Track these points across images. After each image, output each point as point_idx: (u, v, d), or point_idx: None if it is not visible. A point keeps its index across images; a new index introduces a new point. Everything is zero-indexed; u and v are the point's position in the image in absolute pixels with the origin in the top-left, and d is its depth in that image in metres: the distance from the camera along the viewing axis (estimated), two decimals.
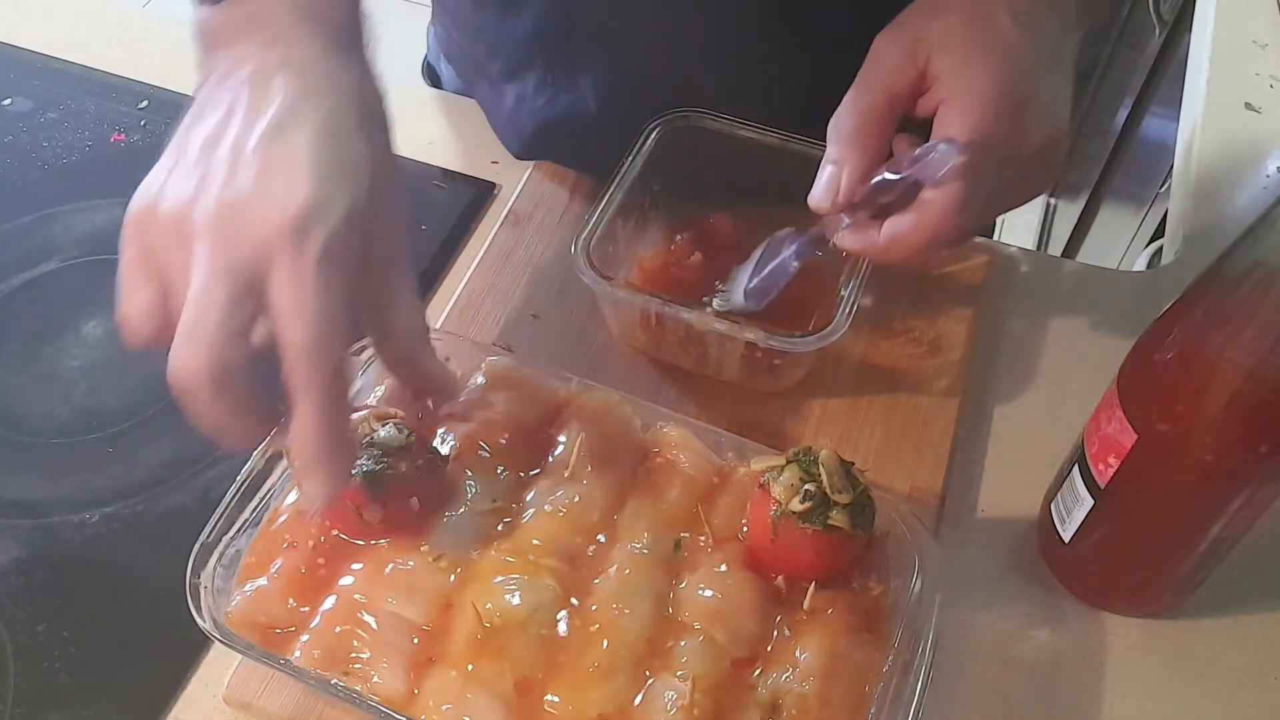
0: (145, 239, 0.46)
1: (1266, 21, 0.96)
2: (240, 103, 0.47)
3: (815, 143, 0.68)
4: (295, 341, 0.43)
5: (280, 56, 0.48)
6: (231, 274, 0.43)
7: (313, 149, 0.45)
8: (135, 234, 0.46)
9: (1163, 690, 0.57)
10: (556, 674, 0.49)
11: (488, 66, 0.82)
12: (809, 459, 0.52)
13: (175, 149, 0.47)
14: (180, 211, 0.45)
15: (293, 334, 0.43)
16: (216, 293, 0.43)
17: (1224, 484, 0.50)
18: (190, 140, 0.47)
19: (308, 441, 0.45)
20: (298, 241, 0.43)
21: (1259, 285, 0.45)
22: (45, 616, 0.57)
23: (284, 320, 0.43)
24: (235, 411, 0.44)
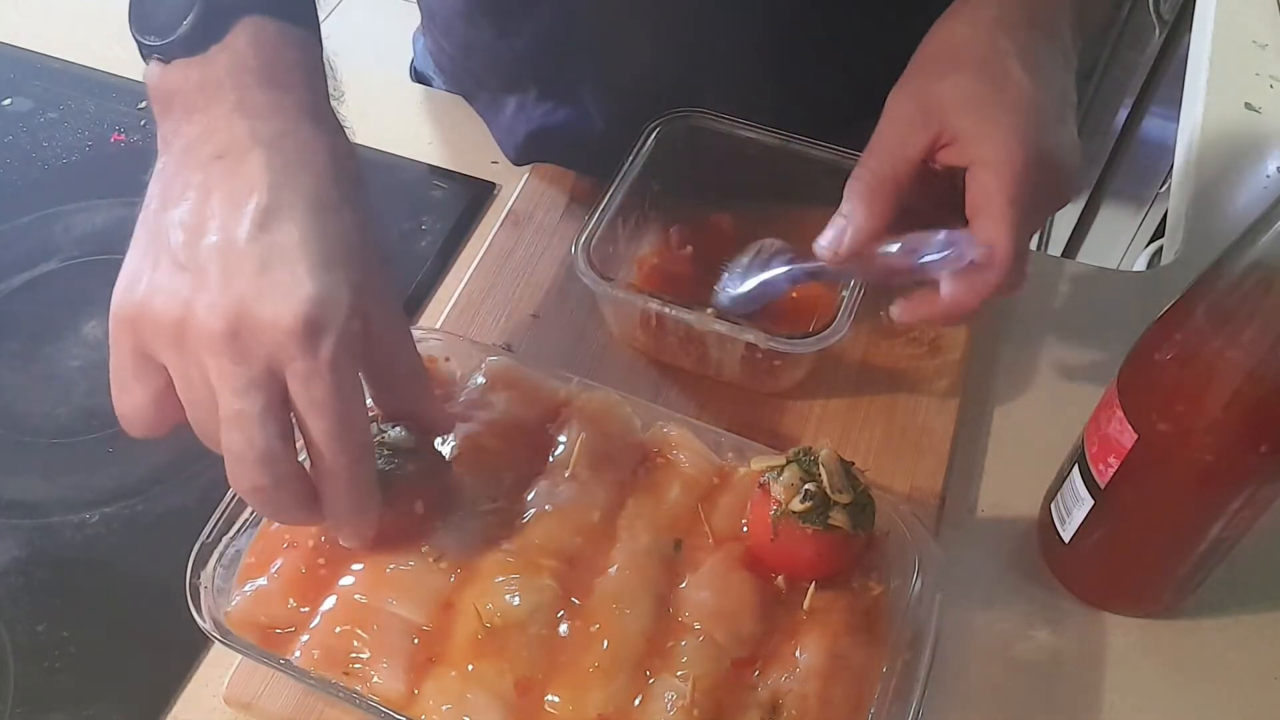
0: (139, 338, 0.45)
1: (1266, 21, 0.96)
2: (216, 186, 0.45)
3: (815, 143, 0.69)
4: (319, 435, 0.45)
5: (249, 130, 0.46)
6: (256, 387, 0.43)
7: (306, 236, 0.44)
8: (127, 332, 0.46)
9: (1163, 690, 0.57)
10: (556, 674, 0.49)
11: (484, 79, 0.82)
12: (809, 459, 0.52)
13: (150, 234, 0.46)
14: (178, 314, 0.44)
15: (316, 428, 0.45)
16: (250, 410, 0.43)
17: (1224, 484, 0.50)
18: (167, 226, 0.45)
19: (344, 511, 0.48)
20: (310, 344, 0.43)
21: (1259, 285, 0.45)
22: (45, 616, 0.57)
23: (306, 416, 0.45)
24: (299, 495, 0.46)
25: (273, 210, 0.44)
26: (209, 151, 0.46)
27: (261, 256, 0.44)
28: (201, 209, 0.45)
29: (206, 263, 0.44)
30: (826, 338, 0.60)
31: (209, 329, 0.43)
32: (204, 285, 0.44)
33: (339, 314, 0.44)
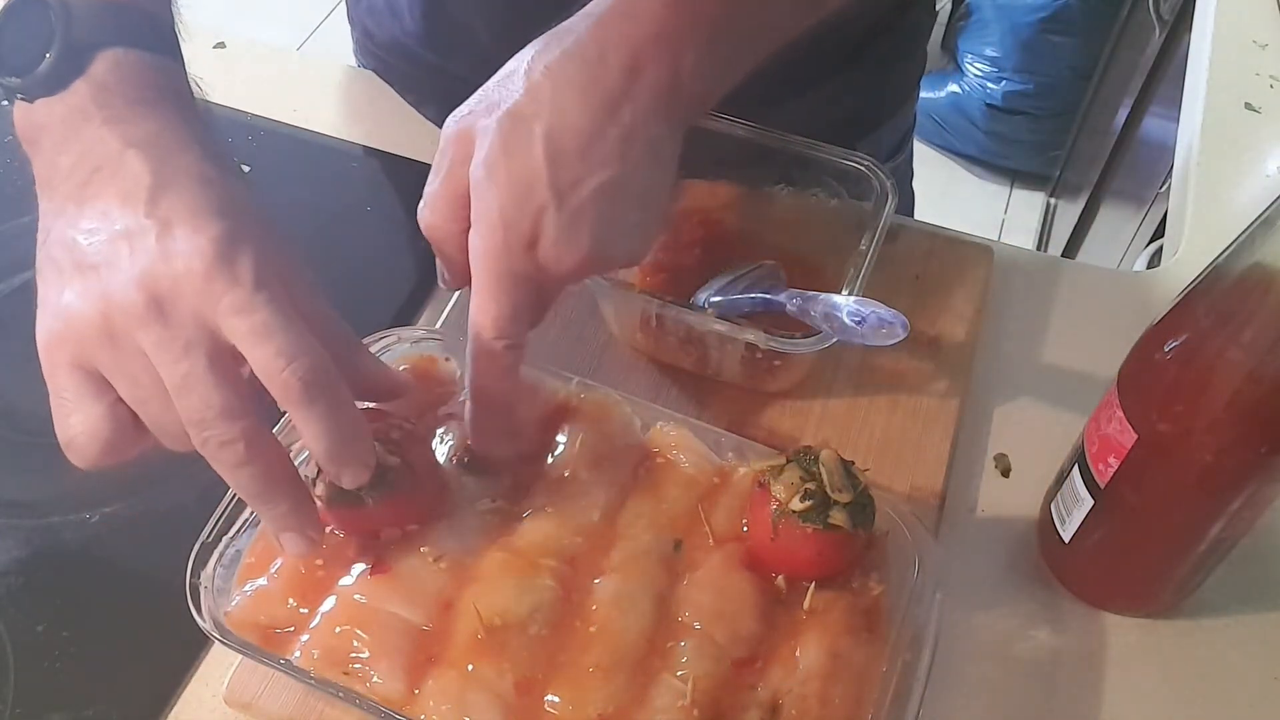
0: (70, 356, 0.45)
1: (1266, 21, 0.96)
2: (105, 193, 0.45)
3: (816, 143, 0.69)
4: (270, 358, 0.43)
5: (120, 137, 0.46)
6: (194, 345, 0.43)
7: (196, 198, 0.45)
8: (57, 354, 0.45)
9: (1163, 690, 0.57)
10: (556, 674, 0.49)
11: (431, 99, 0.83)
12: (809, 458, 0.52)
13: (51, 264, 0.46)
14: (99, 308, 0.44)
15: (266, 352, 0.43)
16: (196, 369, 0.43)
17: (1224, 484, 0.50)
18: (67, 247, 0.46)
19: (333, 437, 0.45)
20: (228, 275, 0.43)
21: (1259, 285, 0.45)
22: (45, 616, 0.57)
23: (252, 347, 0.43)
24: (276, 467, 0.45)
25: (159, 187, 0.45)
26: (89, 168, 0.46)
27: (159, 225, 0.44)
28: (96, 214, 0.45)
29: (111, 252, 0.44)
30: (826, 338, 0.60)
31: (130, 306, 0.43)
32: (115, 270, 0.44)
33: (247, 245, 0.44)
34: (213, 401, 0.43)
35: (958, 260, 0.75)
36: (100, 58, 0.48)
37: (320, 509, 0.52)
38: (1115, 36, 1.92)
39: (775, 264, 0.66)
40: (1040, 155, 2.28)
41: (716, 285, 0.65)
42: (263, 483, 0.45)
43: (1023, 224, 2.27)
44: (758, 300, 0.63)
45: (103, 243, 0.45)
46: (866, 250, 0.64)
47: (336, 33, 0.97)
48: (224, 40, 0.90)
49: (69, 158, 0.47)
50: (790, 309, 0.60)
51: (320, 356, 0.44)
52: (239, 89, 0.87)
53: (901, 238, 0.75)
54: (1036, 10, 2.15)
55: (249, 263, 0.44)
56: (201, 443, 0.43)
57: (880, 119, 0.87)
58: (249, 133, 0.83)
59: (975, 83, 2.27)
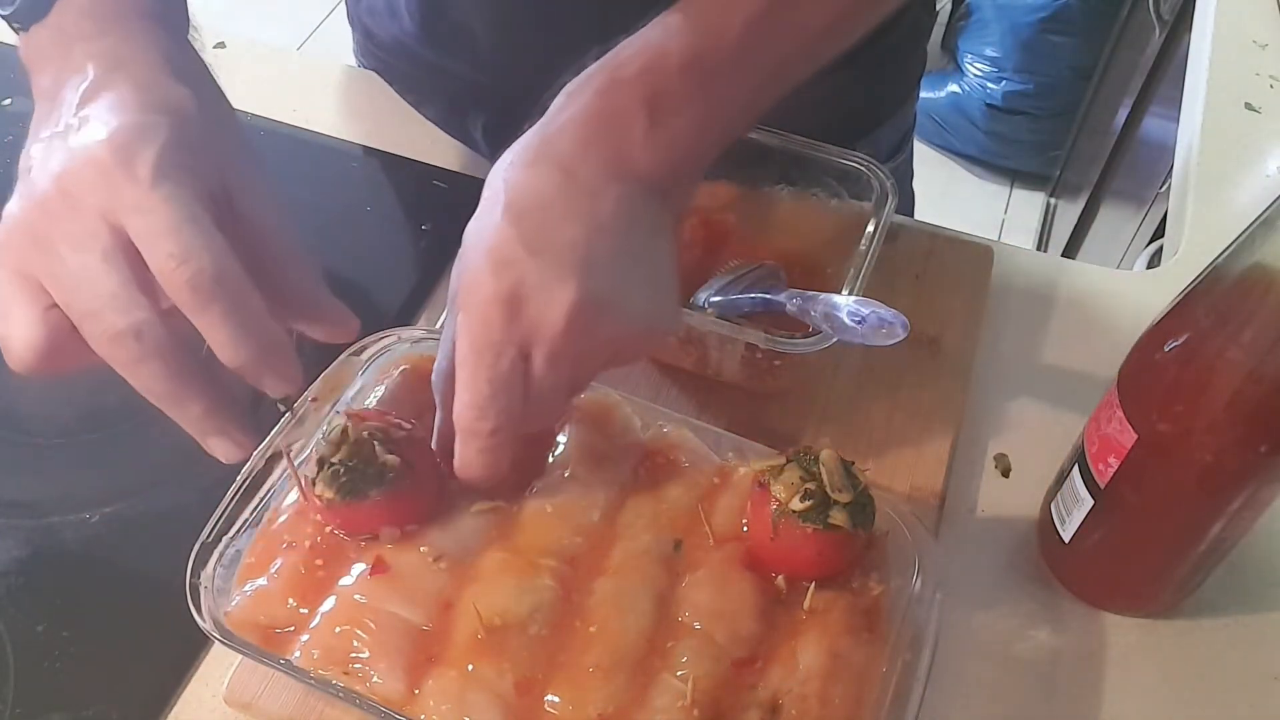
0: (10, 262, 0.45)
1: (1266, 21, 0.96)
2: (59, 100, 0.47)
3: (816, 143, 0.69)
4: (162, 260, 0.42)
5: (84, 50, 0.48)
6: (92, 235, 0.42)
7: (124, 97, 0.45)
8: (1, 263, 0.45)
9: (1162, 690, 0.57)
10: (556, 674, 0.49)
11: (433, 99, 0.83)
12: (809, 458, 0.52)
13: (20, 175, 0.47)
14: (26, 213, 0.44)
15: (154, 254, 0.42)
16: (92, 257, 0.42)
17: (1224, 484, 0.50)
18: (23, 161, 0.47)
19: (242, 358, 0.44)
20: (128, 170, 0.42)
21: (1259, 285, 0.45)
22: (45, 616, 0.57)
23: (145, 248, 0.42)
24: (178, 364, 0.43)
25: (95, 89, 0.46)
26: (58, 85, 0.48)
27: (82, 120, 0.45)
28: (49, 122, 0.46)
29: (43, 153, 0.45)
30: (826, 338, 0.60)
31: (44, 202, 0.43)
32: (41, 171, 0.44)
33: (152, 141, 0.43)
34: (101, 291, 0.42)
35: (958, 260, 0.75)
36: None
37: (321, 508, 0.52)
38: (1115, 36, 1.93)
39: (775, 264, 0.66)
40: (1040, 155, 2.28)
41: (716, 285, 0.65)
42: (165, 381, 0.43)
43: (1023, 224, 2.27)
44: (758, 300, 0.63)
45: (42, 146, 0.45)
46: (866, 250, 0.64)
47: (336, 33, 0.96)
48: (224, 40, 0.90)
49: (48, 78, 0.49)
50: (790, 309, 0.60)
51: (219, 258, 0.43)
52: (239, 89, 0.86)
53: (901, 238, 0.75)
54: (1036, 10, 2.15)
55: (151, 158, 0.43)
56: (95, 339, 0.42)
57: (880, 119, 0.87)
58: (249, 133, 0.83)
59: (975, 83, 2.27)
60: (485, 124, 0.81)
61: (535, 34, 0.74)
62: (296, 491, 0.54)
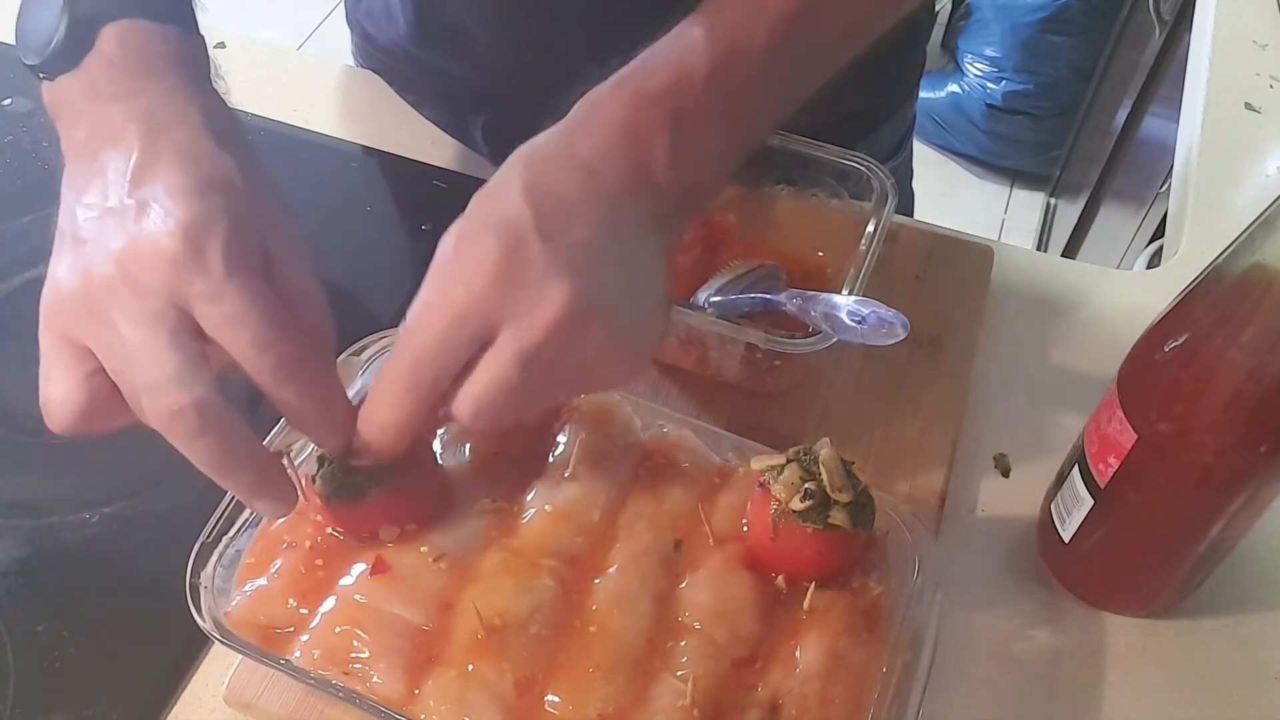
0: (59, 325, 0.46)
1: (1266, 21, 0.96)
2: (104, 168, 0.47)
3: (815, 143, 0.69)
4: (242, 349, 0.44)
5: (124, 112, 0.48)
6: (158, 317, 0.43)
7: (178, 176, 0.45)
8: (49, 325, 0.46)
9: (1163, 690, 0.57)
10: (556, 674, 0.49)
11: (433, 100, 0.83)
12: (809, 458, 0.52)
13: (61, 237, 0.47)
14: (82, 285, 0.45)
15: (236, 343, 0.44)
16: (157, 338, 0.43)
17: (1224, 484, 0.50)
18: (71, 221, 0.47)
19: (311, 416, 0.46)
20: (198, 260, 0.44)
21: (1259, 285, 0.45)
22: (45, 616, 0.57)
23: (225, 338, 0.44)
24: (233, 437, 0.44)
25: (146, 164, 0.46)
26: (96, 145, 0.48)
27: (140, 202, 0.45)
28: (94, 189, 0.47)
29: (98, 229, 0.45)
30: (826, 338, 0.60)
31: (105, 281, 0.44)
32: (99, 246, 0.45)
33: (218, 229, 0.44)
34: (166, 367, 0.43)
35: (958, 260, 0.75)
36: (106, 31, 0.49)
37: (321, 508, 0.52)
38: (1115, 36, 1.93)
39: (775, 264, 0.66)
40: (1040, 155, 2.28)
41: (716, 285, 0.65)
42: (220, 453, 0.44)
43: (1023, 224, 2.28)
44: (757, 300, 0.63)
45: (94, 219, 0.46)
46: (866, 250, 0.64)
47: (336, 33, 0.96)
48: (224, 40, 0.90)
49: (81, 132, 0.49)
50: (790, 309, 0.60)
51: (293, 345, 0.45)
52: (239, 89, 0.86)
53: (901, 238, 0.75)
54: (1036, 10, 2.15)
55: (219, 249, 0.44)
56: (154, 413, 0.44)
57: (880, 119, 0.87)
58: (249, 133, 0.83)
59: (975, 83, 2.27)
60: (485, 125, 0.81)
61: (529, 32, 0.74)
62: None
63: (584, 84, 0.51)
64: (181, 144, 0.47)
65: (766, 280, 0.65)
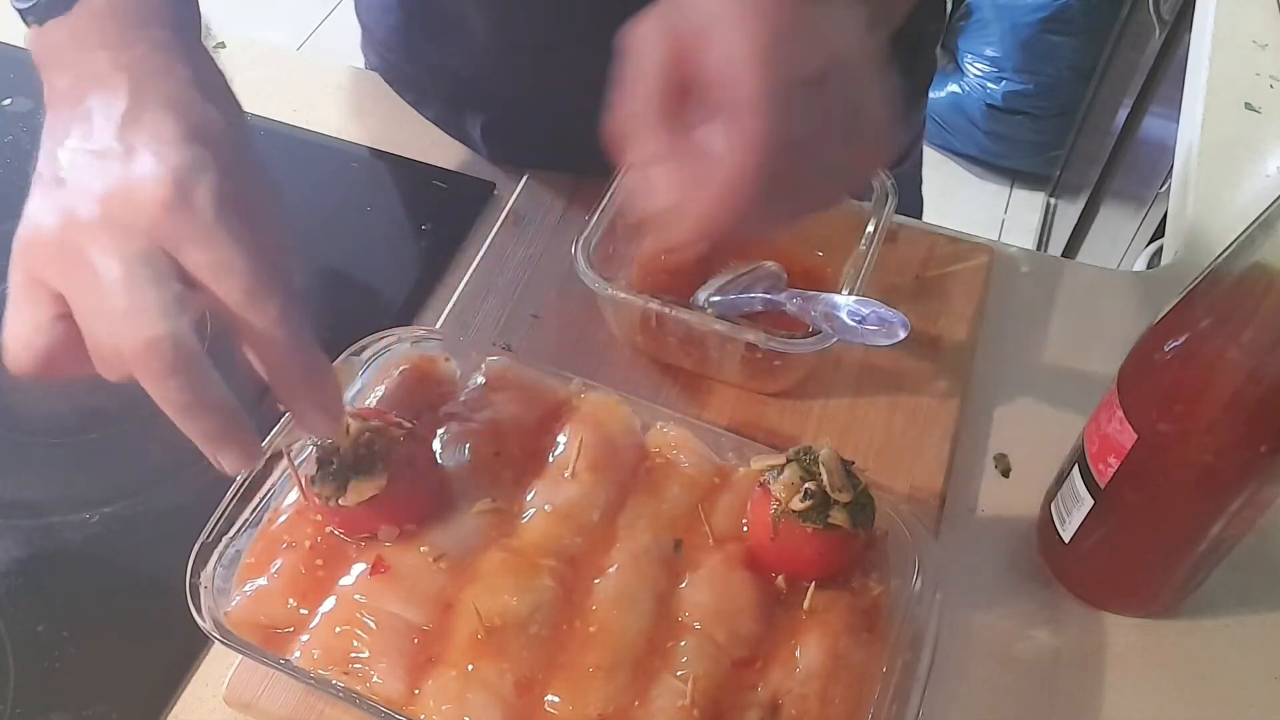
0: (30, 265, 0.45)
1: (1266, 21, 0.96)
2: (89, 113, 0.47)
3: None
4: (235, 294, 0.43)
5: (111, 60, 0.47)
6: (144, 256, 0.43)
7: (168, 123, 0.45)
8: (19, 264, 0.45)
9: (1163, 690, 0.57)
10: (556, 674, 0.49)
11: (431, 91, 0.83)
12: (809, 458, 0.52)
13: (39, 179, 0.47)
14: (61, 224, 0.44)
15: (228, 289, 0.43)
16: (141, 273, 0.42)
17: (1224, 484, 0.50)
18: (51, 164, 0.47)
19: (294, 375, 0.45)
20: (188, 205, 0.43)
21: (1259, 285, 0.45)
22: (45, 616, 0.57)
23: (214, 281, 0.43)
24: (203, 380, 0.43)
25: (134, 110, 0.46)
26: (80, 91, 0.48)
27: (128, 147, 0.45)
28: (77, 133, 0.46)
29: (82, 171, 0.45)
30: (826, 338, 0.60)
31: (87, 222, 0.44)
32: (81, 189, 0.45)
33: (208, 176, 0.44)
34: (147, 299, 0.42)
35: (958, 260, 0.75)
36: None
37: (321, 508, 0.52)
38: (1115, 36, 1.92)
39: (775, 264, 0.66)
40: (1040, 155, 2.28)
41: (716, 285, 0.65)
42: (190, 395, 0.43)
43: (1023, 224, 2.27)
44: (757, 300, 0.63)
45: (76, 160, 0.46)
46: (866, 250, 0.64)
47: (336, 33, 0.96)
48: (224, 40, 0.90)
49: (66, 79, 0.49)
50: (790, 309, 0.60)
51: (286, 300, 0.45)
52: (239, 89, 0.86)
53: (901, 238, 0.75)
54: (1036, 10, 2.15)
55: (209, 195, 0.44)
56: (130, 345, 0.42)
57: None
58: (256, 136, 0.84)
59: (975, 83, 2.27)
60: (484, 123, 0.81)
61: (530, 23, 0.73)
62: (296, 491, 0.54)
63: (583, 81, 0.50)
64: (170, 94, 0.47)
65: (766, 280, 0.65)
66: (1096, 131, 1.92)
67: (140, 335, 0.42)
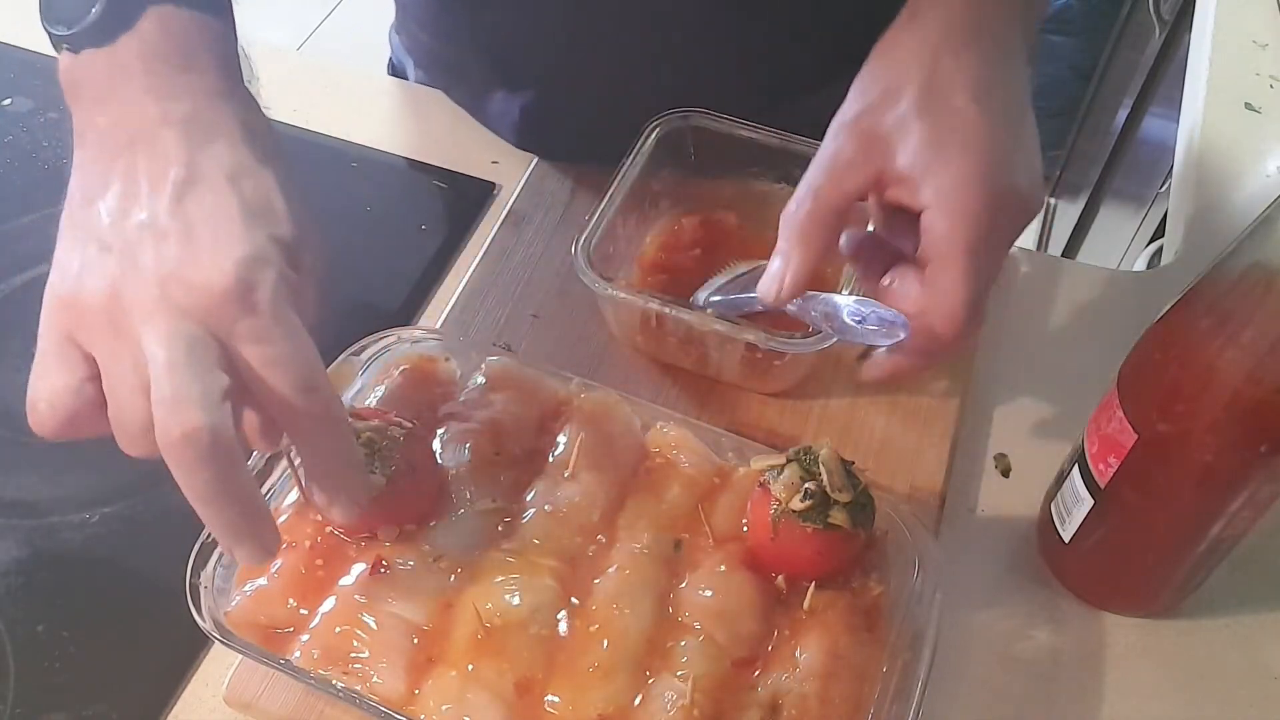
0: (67, 325, 0.44)
1: (1266, 21, 0.96)
2: (134, 170, 0.45)
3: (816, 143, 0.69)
4: (286, 390, 0.43)
5: (161, 112, 0.46)
6: (197, 342, 0.42)
7: (227, 199, 0.45)
8: (55, 322, 0.45)
9: (1162, 690, 0.57)
10: (556, 674, 0.49)
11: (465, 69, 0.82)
12: (809, 458, 0.52)
13: (75, 227, 0.46)
14: (109, 293, 0.43)
15: (281, 383, 0.43)
16: (188, 361, 0.42)
17: (1224, 484, 0.50)
18: (92, 216, 0.45)
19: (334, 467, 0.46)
20: (248, 298, 0.43)
21: (1259, 285, 0.45)
22: (45, 616, 0.57)
23: (267, 374, 0.43)
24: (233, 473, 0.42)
25: (191, 181, 0.45)
26: (123, 138, 0.46)
27: (186, 225, 0.44)
28: (122, 192, 0.45)
29: (134, 240, 0.44)
30: (826, 338, 0.60)
31: (142, 302, 0.43)
32: (133, 261, 0.43)
33: (271, 269, 0.44)
34: (192, 387, 0.41)
35: None
36: (149, 14, 0.47)
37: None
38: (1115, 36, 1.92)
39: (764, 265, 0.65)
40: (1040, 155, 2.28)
41: (716, 285, 0.65)
42: (219, 486, 0.43)
43: None
44: (757, 300, 0.63)
45: (125, 227, 0.44)
46: None
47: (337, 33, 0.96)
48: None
49: (107, 118, 0.47)
50: (790, 309, 0.60)
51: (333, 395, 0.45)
52: None
53: None
54: None
55: (269, 293, 0.43)
56: (168, 432, 0.42)
57: None
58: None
59: None
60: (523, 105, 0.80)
61: None
62: (296, 491, 0.54)
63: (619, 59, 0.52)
64: (224, 161, 0.46)
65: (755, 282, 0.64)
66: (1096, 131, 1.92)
67: (180, 424, 0.41)
